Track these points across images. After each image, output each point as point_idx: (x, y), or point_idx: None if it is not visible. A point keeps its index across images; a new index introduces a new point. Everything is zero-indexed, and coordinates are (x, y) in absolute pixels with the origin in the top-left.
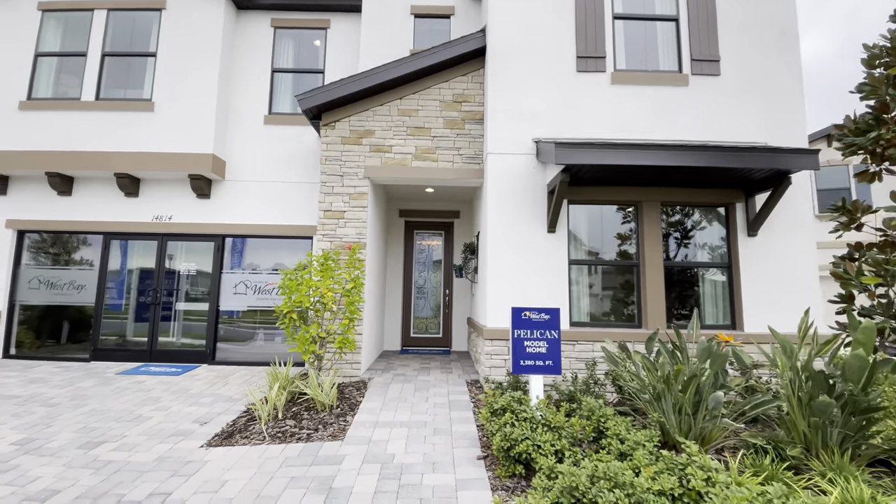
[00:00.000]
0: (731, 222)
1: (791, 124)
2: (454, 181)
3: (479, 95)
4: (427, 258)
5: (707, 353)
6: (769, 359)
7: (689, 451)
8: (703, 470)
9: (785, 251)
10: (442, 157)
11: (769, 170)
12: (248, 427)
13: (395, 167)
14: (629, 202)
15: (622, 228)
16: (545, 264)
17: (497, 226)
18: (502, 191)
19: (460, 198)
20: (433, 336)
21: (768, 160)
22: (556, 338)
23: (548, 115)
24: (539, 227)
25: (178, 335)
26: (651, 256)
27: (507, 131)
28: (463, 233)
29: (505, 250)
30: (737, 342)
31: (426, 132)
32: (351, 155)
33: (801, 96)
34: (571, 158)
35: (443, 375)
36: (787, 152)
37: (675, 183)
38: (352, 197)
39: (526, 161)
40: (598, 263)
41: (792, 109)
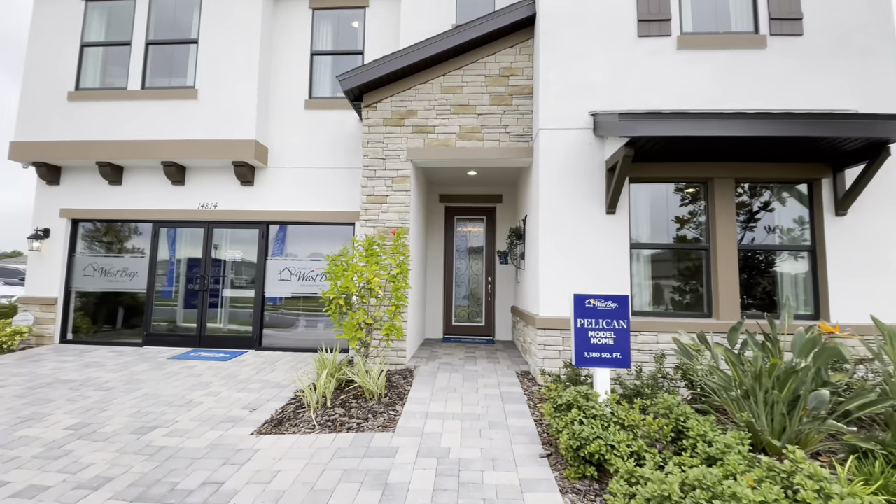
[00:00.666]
0: (816, 200)
1: (886, 88)
2: (501, 161)
3: (528, 68)
4: (468, 244)
5: (810, 346)
6: (873, 352)
7: (792, 457)
8: (812, 479)
9: (879, 232)
10: (488, 135)
11: (863, 140)
12: (297, 414)
13: (439, 148)
14: (698, 179)
15: (689, 209)
16: (603, 248)
17: (550, 207)
18: (555, 169)
19: (504, 180)
20: (475, 325)
21: (863, 128)
22: (625, 328)
23: (605, 86)
24: (597, 208)
25: (224, 321)
26: (723, 239)
27: (561, 105)
28: (506, 218)
29: (559, 234)
30: (844, 333)
31: (471, 110)
32: (393, 137)
33: (891, 55)
34: (637, 130)
35: (490, 365)
36: (885, 119)
37: (750, 157)
38: (394, 180)
39: (581, 136)
40: (662, 247)
41: (886, 72)
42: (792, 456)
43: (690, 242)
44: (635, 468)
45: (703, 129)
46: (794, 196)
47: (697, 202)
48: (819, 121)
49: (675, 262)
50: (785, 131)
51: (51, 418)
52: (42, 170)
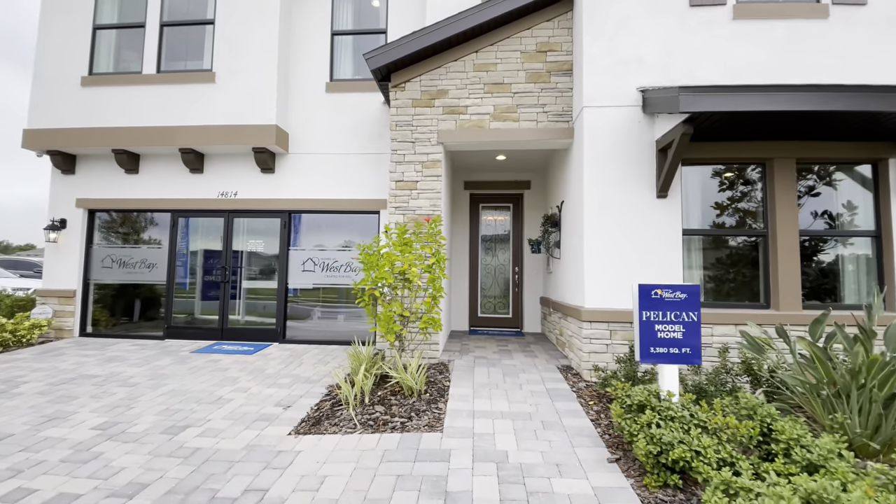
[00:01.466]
0: (882, 182)
1: None
2: (537, 143)
3: (567, 43)
4: (494, 233)
5: None
6: None
7: None
8: None
9: None
10: (524, 115)
11: None
12: (335, 412)
13: (472, 130)
14: (756, 160)
15: (745, 193)
16: (654, 235)
17: (596, 191)
18: (601, 150)
19: (533, 165)
20: (502, 316)
21: None
22: (696, 321)
23: (654, 61)
24: (646, 191)
25: (245, 313)
26: (784, 225)
27: (606, 81)
28: (534, 205)
29: (605, 220)
30: None
31: (506, 88)
32: (423, 119)
33: None
34: (699, 105)
35: (528, 360)
36: None
37: (811, 135)
38: (424, 165)
39: (629, 115)
40: (719, 234)
41: None
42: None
43: (746, 228)
44: (732, 478)
45: (771, 104)
46: (856, 178)
47: (754, 185)
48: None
49: (729, 250)
50: (860, 105)
51: (76, 417)
52: (57, 158)
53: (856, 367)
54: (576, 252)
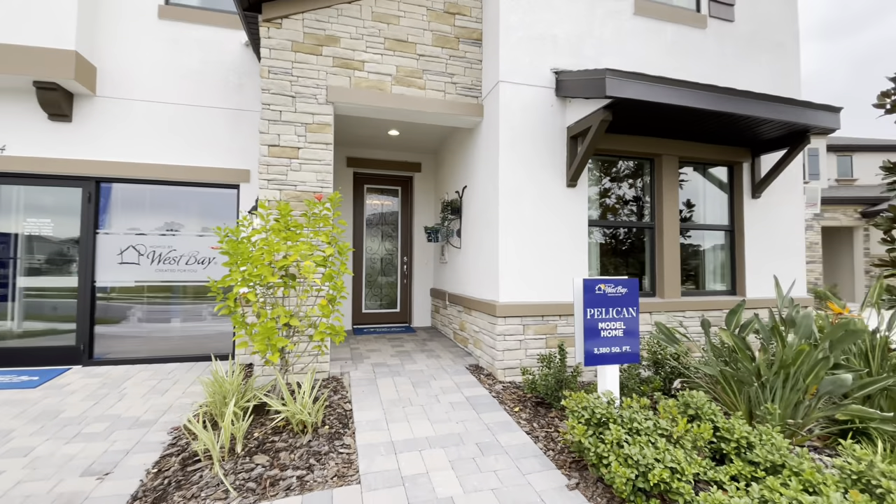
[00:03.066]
0: (737, 183)
1: (794, 84)
2: (445, 117)
3: (477, 9)
4: (380, 219)
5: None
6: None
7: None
8: (886, 477)
9: (782, 216)
10: (431, 83)
11: (787, 126)
12: (190, 475)
13: (371, 92)
14: (646, 155)
15: (635, 186)
16: (565, 226)
17: (512, 176)
18: (517, 131)
19: (426, 146)
20: (390, 311)
21: (809, 115)
22: (635, 316)
23: (567, 43)
24: (557, 179)
25: (24, 323)
26: (669, 218)
27: (523, 56)
28: (425, 189)
29: (521, 208)
30: (853, 314)
31: (410, 48)
32: (306, 69)
33: (799, 60)
34: (625, 91)
35: (432, 362)
36: (818, 108)
37: (692, 136)
38: (309, 128)
39: (543, 96)
40: (616, 225)
41: (794, 69)
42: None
43: (638, 221)
44: (726, 499)
45: (683, 99)
46: (719, 178)
47: (643, 179)
48: (789, 105)
49: (621, 241)
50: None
51: None
52: None
53: (787, 359)
54: (489, 243)
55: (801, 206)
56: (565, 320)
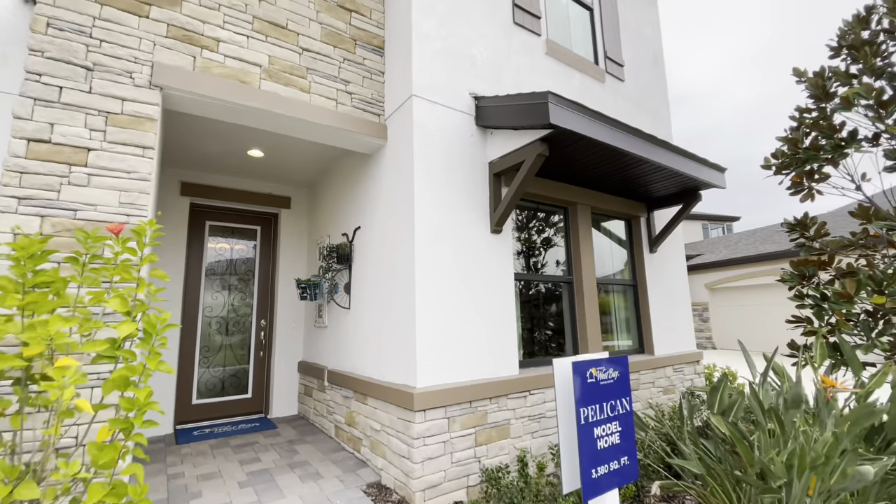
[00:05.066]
0: (636, 237)
1: None
2: (336, 133)
3: (378, 12)
4: (228, 267)
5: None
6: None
7: None
8: None
9: (674, 270)
10: (319, 87)
11: (685, 181)
12: None
13: (227, 83)
14: (562, 203)
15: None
16: (490, 278)
17: (429, 216)
18: (434, 161)
19: (298, 175)
20: (237, 398)
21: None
22: (629, 410)
23: (486, 67)
24: (481, 223)
25: None
26: (586, 269)
27: (440, 71)
28: (295, 231)
29: (440, 256)
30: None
31: (290, 37)
32: (120, 32)
33: (671, 126)
34: (567, 121)
35: (310, 488)
36: (712, 166)
37: (600, 186)
38: (114, 121)
39: (463, 123)
40: (537, 279)
41: (667, 136)
42: None
43: (558, 274)
44: None
45: (620, 140)
46: (620, 231)
47: (558, 229)
48: (697, 161)
49: (543, 297)
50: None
51: None
52: None
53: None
54: (401, 301)
55: (684, 260)
56: (496, 403)
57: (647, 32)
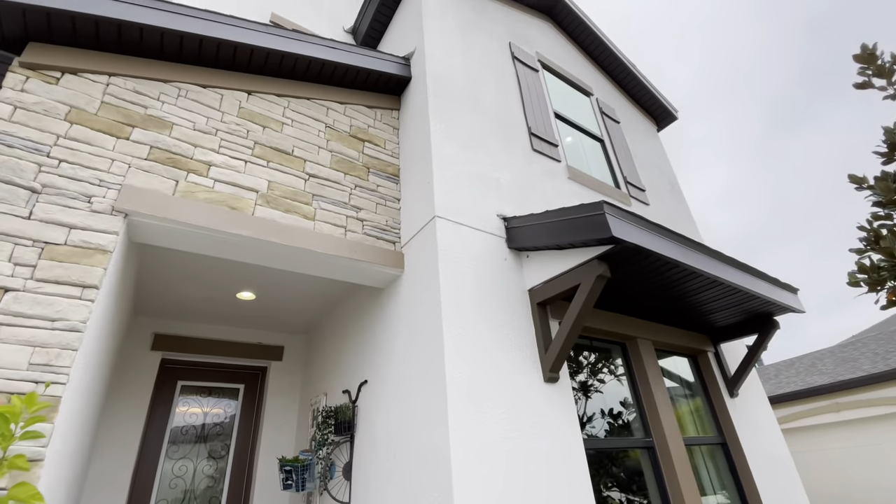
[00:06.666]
0: (708, 377)
1: None
2: (345, 264)
3: (392, 143)
4: (199, 436)
5: None
6: None
7: None
8: None
9: (763, 417)
10: (325, 214)
11: (751, 310)
12: None
13: (214, 210)
14: (619, 338)
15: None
16: (554, 449)
17: (462, 363)
18: (464, 289)
19: (295, 319)
20: None
21: (781, 294)
22: None
23: (511, 191)
24: (529, 369)
25: None
26: (669, 428)
27: (464, 192)
28: (285, 387)
29: (482, 420)
30: None
31: (295, 163)
32: (88, 153)
33: None
34: (630, 234)
35: None
36: (785, 287)
37: (658, 316)
38: (52, 253)
39: (494, 246)
40: (612, 447)
41: None
42: None
43: (633, 436)
44: None
45: (689, 258)
46: (684, 372)
47: (611, 372)
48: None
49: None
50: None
51: None
52: None
53: None
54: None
55: (768, 403)
56: None
57: (657, 161)
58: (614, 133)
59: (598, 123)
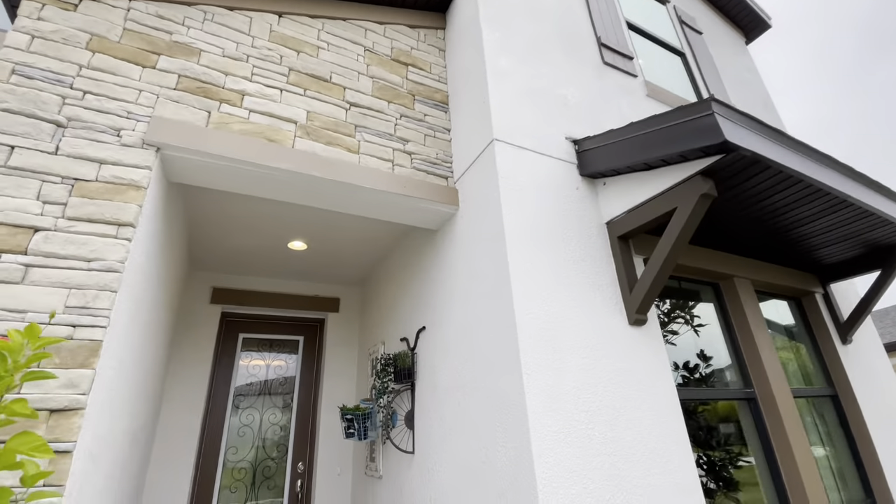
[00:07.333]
0: (816, 322)
1: None
2: (394, 202)
3: (439, 66)
4: (263, 390)
5: None
6: None
7: None
8: None
9: (880, 368)
10: (370, 146)
11: (873, 241)
12: None
13: (249, 140)
14: (712, 277)
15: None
16: (641, 399)
17: (533, 302)
18: (529, 222)
19: (349, 270)
20: None
21: None
22: None
23: (582, 109)
24: (611, 310)
25: None
26: (775, 376)
27: (525, 111)
28: (343, 338)
29: (560, 366)
30: None
31: (335, 91)
32: (114, 83)
33: None
34: (748, 141)
35: None
36: None
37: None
38: (83, 190)
39: (563, 174)
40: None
41: None
42: None
43: (734, 388)
44: None
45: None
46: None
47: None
48: None
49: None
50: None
51: None
52: None
53: None
54: (501, 453)
55: (884, 352)
56: None
57: (748, 77)
58: (696, 45)
59: (677, 34)
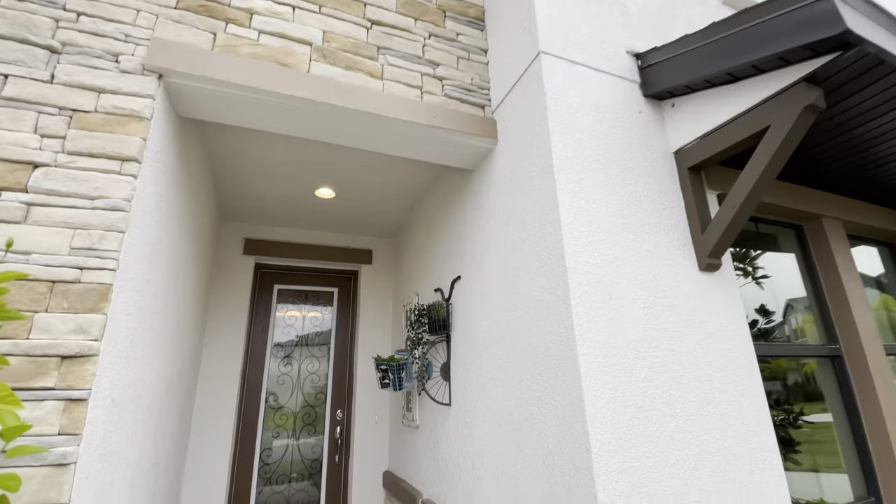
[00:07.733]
0: None
1: None
2: (423, 133)
3: None
4: (300, 343)
5: None
6: None
7: None
8: None
9: None
10: (395, 71)
11: None
12: None
13: (260, 64)
14: (796, 218)
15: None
16: (713, 354)
17: (586, 247)
18: (584, 151)
19: (383, 221)
20: None
21: None
22: None
23: (645, 19)
24: (678, 254)
25: None
26: (866, 331)
27: (578, 20)
28: (377, 290)
29: (617, 316)
30: None
31: (354, 7)
32: (105, 2)
33: None
34: (873, 32)
35: None
36: None
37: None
38: (82, 122)
39: (621, 93)
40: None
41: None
42: None
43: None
44: None
45: None
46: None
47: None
48: None
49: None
50: None
51: None
52: None
53: None
54: (546, 409)
55: None
56: None
57: None
58: None
59: None
